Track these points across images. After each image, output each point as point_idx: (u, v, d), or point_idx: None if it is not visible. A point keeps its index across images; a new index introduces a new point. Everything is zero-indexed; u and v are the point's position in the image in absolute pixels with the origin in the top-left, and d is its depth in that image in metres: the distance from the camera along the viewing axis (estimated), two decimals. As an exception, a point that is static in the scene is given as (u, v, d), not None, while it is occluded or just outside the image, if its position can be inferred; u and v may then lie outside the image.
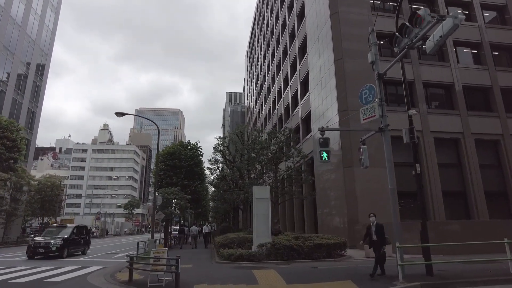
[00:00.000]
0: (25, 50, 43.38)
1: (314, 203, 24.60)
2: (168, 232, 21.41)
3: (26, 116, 43.93)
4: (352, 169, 19.16)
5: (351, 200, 18.78)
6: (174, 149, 30.83)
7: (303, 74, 28.35)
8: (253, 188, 12.99)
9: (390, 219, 18.87)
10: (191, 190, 29.36)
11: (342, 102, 20.47)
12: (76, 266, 13.04)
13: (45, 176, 46.05)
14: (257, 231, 12.48)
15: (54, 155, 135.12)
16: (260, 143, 17.06)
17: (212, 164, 26.55)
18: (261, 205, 12.73)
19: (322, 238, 12.97)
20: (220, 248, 13.17)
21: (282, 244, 11.86)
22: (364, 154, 9.96)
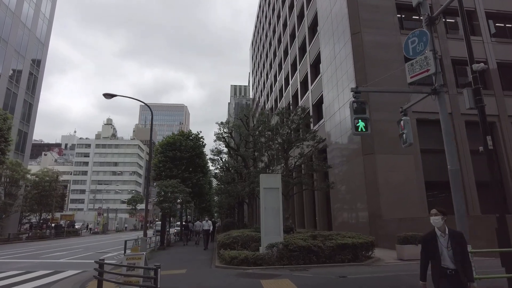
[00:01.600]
0: (20, 38, 41.36)
1: (327, 197, 22.20)
2: (166, 229, 19.23)
3: (22, 107, 42.03)
4: (373, 156, 16.73)
5: (372, 192, 16.38)
6: (174, 139, 28.60)
7: (314, 55, 25.86)
8: (261, 177, 10.65)
9: (418, 213, 16.52)
10: (193, 183, 27.16)
11: (361, 80, 17.96)
12: (49, 270, 10.88)
13: (42, 170, 44.15)
14: (265, 228, 10.18)
15: (59, 151, 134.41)
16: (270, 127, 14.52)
17: (214, 154, 24.26)
18: (270, 196, 10.41)
19: (345, 236, 10.62)
20: (221, 248, 10.90)
21: (297, 244, 9.54)
22: (407, 127, 7.60)
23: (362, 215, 16.91)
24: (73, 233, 40.36)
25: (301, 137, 13.87)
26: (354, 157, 17.71)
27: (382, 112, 17.39)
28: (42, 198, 40.84)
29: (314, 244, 9.61)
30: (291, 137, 13.91)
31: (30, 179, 39.37)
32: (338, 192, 19.16)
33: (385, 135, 17.13)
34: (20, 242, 29.16)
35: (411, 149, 17.13)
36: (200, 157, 29.09)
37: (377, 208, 16.13)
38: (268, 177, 10.82)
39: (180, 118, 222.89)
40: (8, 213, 35.02)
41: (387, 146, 16.93)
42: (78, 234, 41.83)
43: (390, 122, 17.48)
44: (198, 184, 28.03)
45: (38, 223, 41.95)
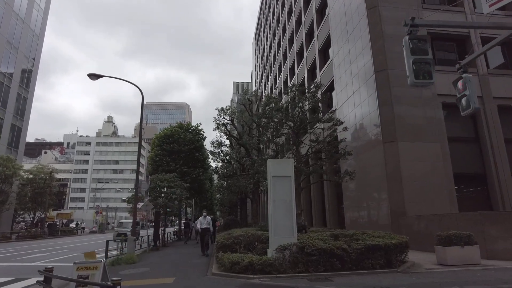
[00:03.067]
0: (12, 29, 39.47)
1: (338, 192, 20.14)
2: (159, 228, 17.24)
3: (16, 101, 40.18)
4: (395, 144, 14.64)
5: (394, 185, 14.29)
6: (172, 131, 26.65)
7: (323, 39, 23.78)
8: (269, 162, 8.60)
9: (445, 208, 14.40)
10: (192, 179, 25.19)
11: (380, 61, 15.88)
12: (9, 277, 8.92)
13: (37, 166, 42.35)
14: (275, 227, 8.15)
15: (61, 150, 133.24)
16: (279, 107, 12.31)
17: (215, 147, 22.24)
18: (280, 186, 8.38)
19: (373, 236, 8.58)
20: (220, 251, 8.87)
21: (316, 246, 7.50)
22: (470, 88, 5.48)
23: (382, 211, 14.84)
24: (69, 232, 38.54)
25: (318, 117, 11.69)
26: (372, 146, 15.63)
27: (405, 96, 15.31)
28: (36, 196, 39.07)
29: (338, 246, 7.56)
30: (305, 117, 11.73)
31: (23, 175, 37.59)
32: (352, 186, 17.09)
33: (408, 120, 15.06)
34: (8, 242, 27.34)
35: (437, 137, 15.07)
36: (199, 150, 27.11)
37: (400, 203, 14.06)
38: (278, 163, 8.77)
39: (182, 117, 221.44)
40: (1, 212, 33.25)
41: (411, 133, 14.86)
42: (74, 233, 40.02)
43: (414, 106, 15.44)
44: (197, 179, 26.05)
45: (33, 221, 40.12)
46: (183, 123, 28.17)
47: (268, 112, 12.21)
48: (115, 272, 8.92)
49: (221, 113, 18.23)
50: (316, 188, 22.29)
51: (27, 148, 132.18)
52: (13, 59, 39.62)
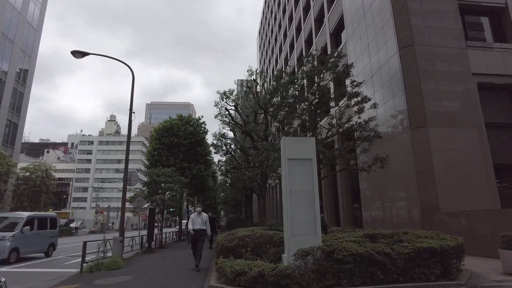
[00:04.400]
0: (8, 21, 37.90)
1: (353, 186, 18.14)
2: (154, 227, 15.33)
3: (12, 96, 38.59)
4: (425, 130, 12.61)
5: (425, 177, 12.27)
6: (172, 123, 24.80)
7: (334, 21, 21.78)
8: (283, 141, 6.62)
9: (486, 204, 12.27)
10: (193, 174, 23.32)
11: (405, 38, 13.85)
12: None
13: (34, 164, 40.82)
14: (292, 225, 6.19)
15: (65, 150, 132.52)
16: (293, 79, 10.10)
17: (217, 139, 20.32)
18: (299, 172, 6.42)
19: (419, 237, 6.59)
20: (221, 255, 6.94)
21: (349, 251, 5.55)
22: None
23: (410, 208, 12.81)
24: (66, 232, 36.82)
25: (343, 91, 9.55)
26: (397, 133, 13.59)
27: (436, 76, 13.29)
28: (33, 194, 37.54)
29: (378, 250, 5.60)
30: (327, 89, 9.61)
31: (18, 173, 36.05)
32: (372, 179, 15.08)
33: (440, 104, 13.03)
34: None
35: (473, 122, 13.01)
36: (201, 144, 25.23)
37: (432, 198, 12.03)
38: (295, 142, 6.79)
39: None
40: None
41: (443, 117, 12.82)
42: (73, 233, 38.32)
43: (445, 87, 13.39)
44: (199, 175, 24.17)
45: (29, 221, 38.47)
46: (183, 115, 26.33)
47: (281, 87, 10.17)
48: (89, 282, 7.04)
49: (223, 97, 16.20)
50: (329, 182, 20.26)
51: (32, 148, 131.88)
52: (9, 53, 38.06)
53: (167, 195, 17.14)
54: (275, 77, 11.98)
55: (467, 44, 13.95)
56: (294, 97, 9.99)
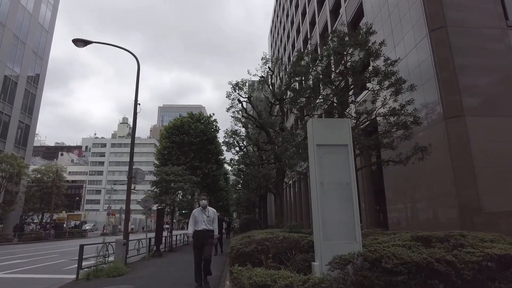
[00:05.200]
0: (20, 23, 37.86)
1: (376, 183, 16.77)
2: (163, 229, 14.30)
3: (23, 97, 38.51)
4: (462, 120, 11.23)
5: (463, 172, 10.88)
6: (182, 121, 23.94)
7: (352, 10, 20.51)
8: (310, 124, 5.42)
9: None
10: (204, 174, 22.34)
11: (434, 14, 12.51)
12: None
13: (45, 166, 40.62)
14: (324, 225, 5.00)
15: (79, 153, 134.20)
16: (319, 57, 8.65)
17: (230, 136, 19.23)
18: (331, 161, 5.25)
19: (485, 241, 5.31)
20: (236, 262, 5.78)
21: (401, 258, 4.34)
22: None
23: (446, 206, 11.42)
24: (77, 234, 36.40)
25: (376, 69, 8.21)
26: (428, 123, 12.23)
27: (473, 59, 11.92)
28: (45, 196, 37.23)
29: (438, 258, 4.37)
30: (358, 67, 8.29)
31: (29, 174, 35.79)
32: (399, 176, 13.72)
33: (478, 89, 11.64)
34: (8, 244, 25.16)
35: (517, 110, 11.56)
36: (212, 143, 24.27)
37: (472, 196, 10.63)
38: (326, 124, 5.57)
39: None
40: (6, 212, 31.43)
41: (483, 105, 11.43)
42: (84, 235, 37.89)
43: (484, 70, 12.01)
44: (210, 175, 23.19)
45: (41, 223, 38.26)
46: (194, 113, 25.42)
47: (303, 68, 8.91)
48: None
49: (235, 88, 15.01)
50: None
51: (47, 151, 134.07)
52: (21, 54, 38.00)
53: (177, 195, 16.15)
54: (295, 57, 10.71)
55: (507, 23, 12.51)
56: (318, 79, 8.75)
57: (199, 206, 6.94)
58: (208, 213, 6.78)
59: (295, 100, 9.29)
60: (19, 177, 31.43)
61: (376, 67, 8.36)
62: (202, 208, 6.81)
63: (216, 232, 6.83)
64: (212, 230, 6.71)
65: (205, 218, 6.67)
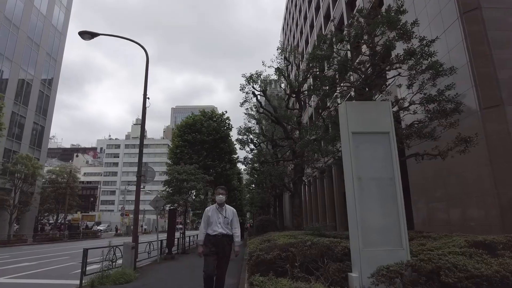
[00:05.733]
0: (33, 25, 38.07)
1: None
2: (175, 230, 13.58)
3: (38, 99, 38.73)
4: (501, 110, 10.17)
5: (505, 168, 9.81)
6: (194, 119, 23.33)
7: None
8: (343, 108, 4.56)
9: None
10: (217, 173, 21.66)
11: (467, -3, 11.45)
12: None
13: (60, 166, 40.80)
14: (364, 229, 4.15)
15: (94, 154, 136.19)
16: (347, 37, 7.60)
17: (243, 134, 18.46)
18: (370, 152, 4.40)
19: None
20: (256, 271, 4.96)
21: (467, 271, 3.44)
22: None
23: (484, 206, 10.36)
24: (92, 235, 36.36)
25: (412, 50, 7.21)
26: (462, 115, 11.18)
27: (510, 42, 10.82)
28: (59, 197, 37.34)
29: None
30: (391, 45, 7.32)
31: (44, 175, 35.93)
32: (427, 171, 12.68)
33: (519, 76, 10.54)
34: (22, 245, 25.10)
35: None
36: (225, 141, 23.58)
37: (515, 195, 9.56)
38: (362, 108, 4.67)
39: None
40: (22, 213, 31.54)
41: (525, 93, 10.32)
42: (98, 236, 37.84)
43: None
44: (223, 174, 22.51)
45: (55, 223, 38.40)
46: (206, 110, 24.78)
47: (328, 49, 7.99)
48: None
49: (249, 81, 14.10)
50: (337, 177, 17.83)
51: (64, 153, 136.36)
52: (35, 56, 38.23)
53: (190, 194, 15.50)
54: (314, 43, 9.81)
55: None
56: (344, 63, 7.82)
57: (214, 203, 5.31)
58: (226, 212, 5.09)
59: (318, 88, 8.40)
60: (34, 178, 31.48)
61: (410, 48, 7.40)
62: (218, 206, 5.15)
63: (238, 239, 5.09)
64: (231, 235, 5.03)
65: (222, 219, 5.02)
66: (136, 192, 10.05)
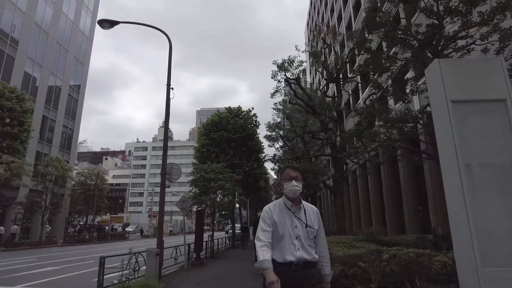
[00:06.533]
0: (62, 30, 38.79)
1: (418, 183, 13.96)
2: (203, 233, 12.56)
3: (67, 102, 39.46)
4: None
5: None
6: (220, 117, 22.43)
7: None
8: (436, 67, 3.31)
9: None
10: (245, 172, 20.61)
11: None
12: None
13: (88, 169, 41.36)
14: (480, 238, 2.83)
15: (123, 157, 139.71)
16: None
17: (272, 130, 17.28)
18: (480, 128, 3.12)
19: None
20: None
21: None
22: None
23: None
24: (119, 237, 36.43)
25: (504, 3, 5.73)
26: None
27: None
28: (88, 199, 37.78)
29: None
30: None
31: (72, 177, 36.42)
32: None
33: None
34: (52, 247, 25.19)
35: None
36: (252, 139, 22.52)
37: None
38: (462, 68, 3.39)
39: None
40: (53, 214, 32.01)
41: None
42: (126, 237, 37.90)
43: None
44: (251, 173, 21.43)
45: (85, 225, 38.86)
46: (232, 107, 23.82)
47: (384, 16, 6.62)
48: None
49: (281, 68, 12.75)
50: (388, 175, 16.02)
51: (94, 157, 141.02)
52: (63, 60, 38.98)
53: (217, 194, 14.51)
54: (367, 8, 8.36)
55: None
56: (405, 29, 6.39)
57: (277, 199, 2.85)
58: (306, 215, 2.50)
59: (377, 63, 6.95)
60: (64, 180, 31.83)
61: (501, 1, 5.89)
62: (287, 202, 2.52)
63: (328, 268, 2.50)
64: (316, 262, 2.42)
65: (301, 229, 2.42)
66: (161, 191, 9.11)
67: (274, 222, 2.41)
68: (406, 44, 6.70)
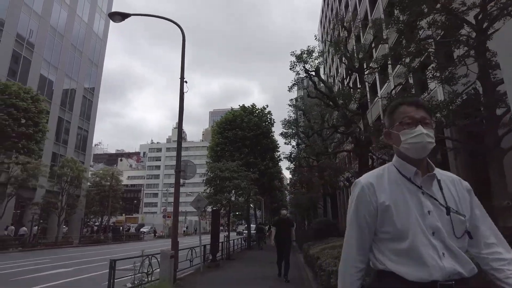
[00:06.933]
0: (76, 32, 39.13)
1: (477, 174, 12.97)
2: (219, 234, 12.04)
3: (81, 104, 39.79)
4: None
5: None
6: (234, 115, 21.96)
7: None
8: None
9: None
10: (260, 171, 20.06)
11: None
12: None
13: (103, 169, 41.61)
14: None
15: (137, 158, 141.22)
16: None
17: (288, 127, 16.68)
18: None
19: None
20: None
21: None
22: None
23: None
24: (134, 237, 36.43)
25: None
26: None
27: None
28: (102, 199, 37.97)
29: None
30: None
31: (88, 178, 36.65)
32: None
33: None
34: (67, 247, 25.23)
35: None
36: (267, 137, 21.96)
37: None
38: None
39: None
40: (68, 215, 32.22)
41: None
42: (140, 238, 37.89)
43: None
44: (267, 172, 20.87)
45: (100, 225, 39.06)
46: (246, 105, 23.32)
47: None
48: None
49: (300, 58, 12.09)
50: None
51: (109, 159, 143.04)
52: (78, 62, 39.32)
53: (233, 194, 14.01)
54: None
55: None
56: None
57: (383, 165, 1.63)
58: (443, 189, 1.29)
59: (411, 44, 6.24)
60: (79, 180, 32.00)
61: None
62: (405, 167, 1.33)
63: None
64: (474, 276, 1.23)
65: (436, 215, 1.23)
66: (175, 189, 8.65)
67: (383, 207, 1.27)
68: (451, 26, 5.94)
